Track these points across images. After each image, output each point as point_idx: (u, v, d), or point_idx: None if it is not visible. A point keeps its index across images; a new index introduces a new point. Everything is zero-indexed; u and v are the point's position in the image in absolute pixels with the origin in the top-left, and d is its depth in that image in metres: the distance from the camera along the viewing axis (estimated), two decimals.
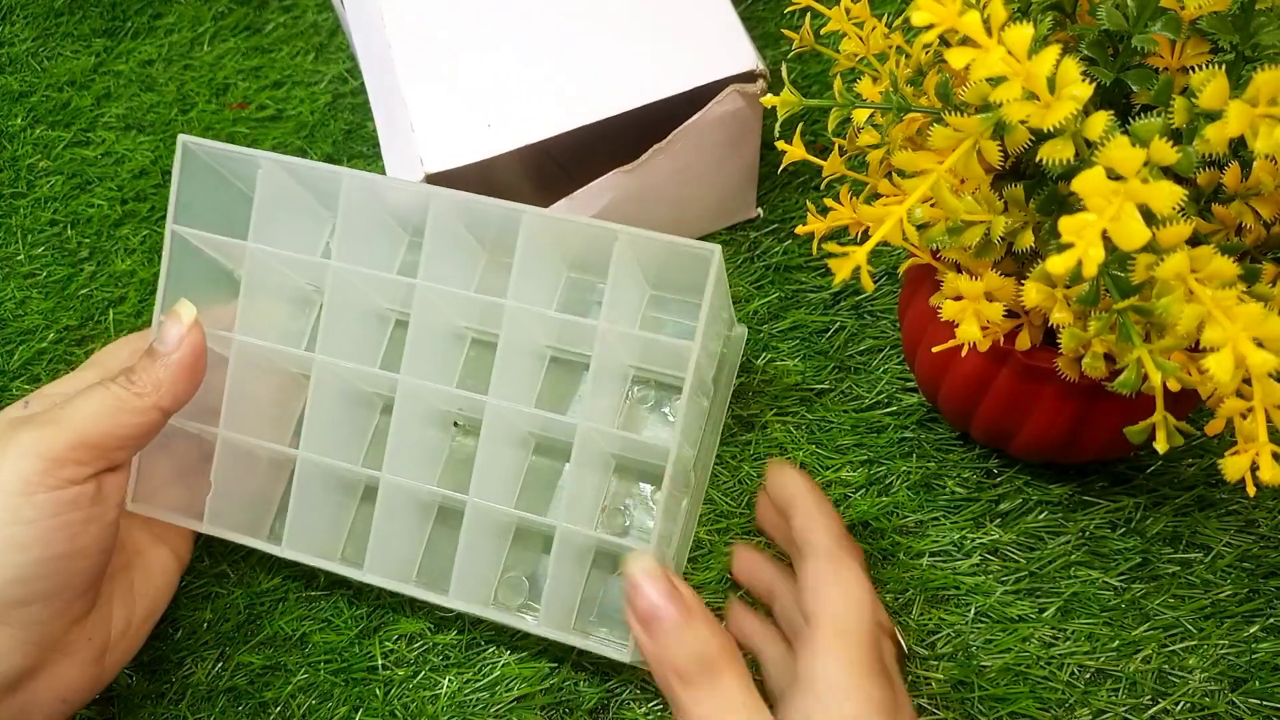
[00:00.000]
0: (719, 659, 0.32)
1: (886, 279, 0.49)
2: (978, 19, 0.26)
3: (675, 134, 0.43)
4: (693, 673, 0.31)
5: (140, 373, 0.37)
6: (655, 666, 0.32)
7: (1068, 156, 0.27)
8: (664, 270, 0.42)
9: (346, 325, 0.42)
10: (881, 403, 0.47)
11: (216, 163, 0.42)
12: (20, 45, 0.60)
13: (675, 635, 0.32)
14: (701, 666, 0.31)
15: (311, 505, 0.42)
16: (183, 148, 0.40)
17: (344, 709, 0.42)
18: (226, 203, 0.42)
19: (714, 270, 0.36)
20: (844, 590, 0.33)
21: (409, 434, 0.41)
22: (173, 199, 0.40)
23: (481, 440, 0.39)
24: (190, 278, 0.42)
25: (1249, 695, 0.40)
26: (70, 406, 0.36)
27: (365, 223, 0.42)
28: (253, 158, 0.40)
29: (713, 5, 0.44)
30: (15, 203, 0.55)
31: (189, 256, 0.42)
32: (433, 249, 0.40)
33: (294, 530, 0.40)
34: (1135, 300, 0.27)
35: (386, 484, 0.40)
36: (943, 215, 0.31)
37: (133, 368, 0.37)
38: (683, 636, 0.32)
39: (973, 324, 0.32)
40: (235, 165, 0.42)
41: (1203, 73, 0.27)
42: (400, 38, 0.45)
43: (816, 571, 0.33)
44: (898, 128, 0.35)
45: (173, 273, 0.41)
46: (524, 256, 0.39)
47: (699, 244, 0.37)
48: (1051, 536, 0.43)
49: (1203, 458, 0.44)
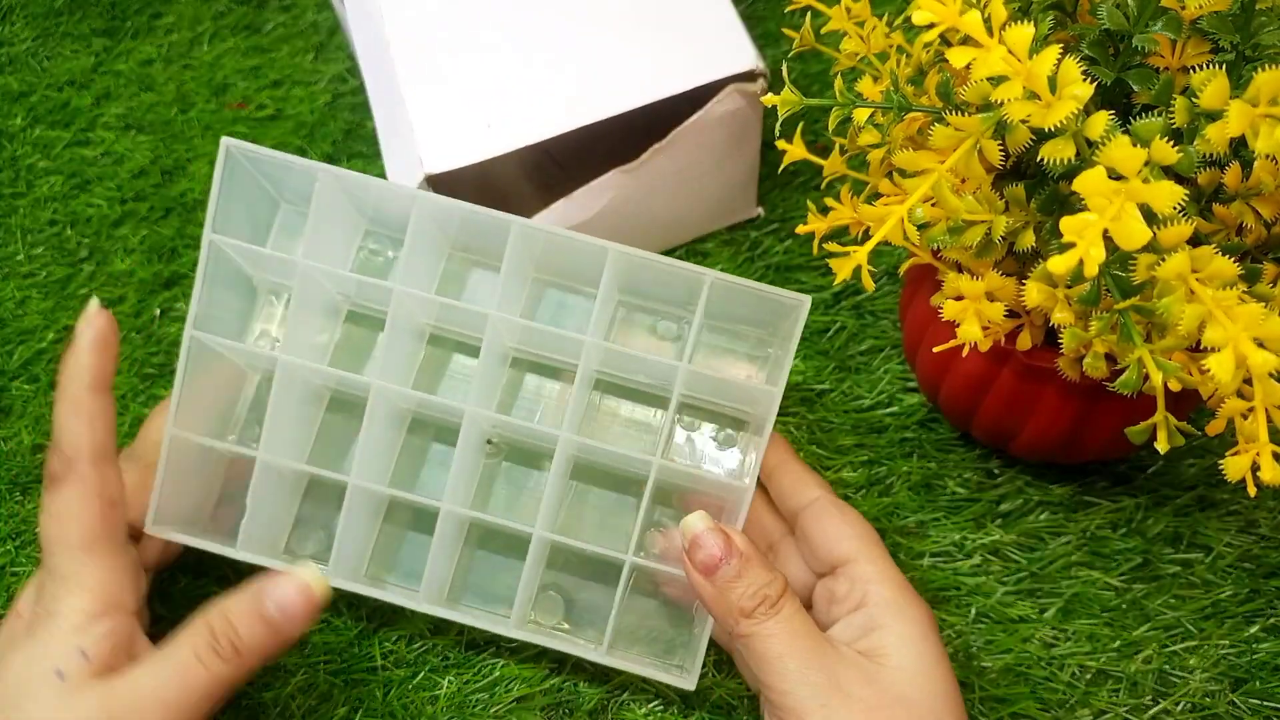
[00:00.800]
0: (779, 595, 0.34)
1: (887, 279, 0.49)
2: (979, 18, 0.26)
3: (675, 133, 0.43)
4: (756, 608, 0.34)
5: (243, 634, 0.34)
6: (719, 610, 0.35)
7: (1069, 156, 0.27)
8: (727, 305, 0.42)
9: (396, 345, 0.41)
10: (882, 403, 0.46)
11: (256, 168, 0.40)
12: (20, 45, 0.60)
13: (735, 579, 0.34)
14: (763, 602, 0.34)
15: (354, 530, 0.41)
16: (225, 152, 0.38)
17: (343, 709, 0.42)
18: (257, 208, 0.41)
19: (800, 322, 0.37)
20: (864, 528, 0.37)
21: (466, 460, 0.40)
22: (212, 206, 0.38)
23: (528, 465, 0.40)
24: (218, 284, 0.40)
25: (1250, 695, 0.40)
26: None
27: (421, 241, 0.40)
28: (309, 169, 0.38)
29: (713, 4, 0.44)
30: (15, 203, 0.55)
31: (220, 264, 0.40)
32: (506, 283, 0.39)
33: (339, 557, 0.39)
34: (1136, 300, 0.27)
35: (443, 512, 0.39)
36: (944, 215, 0.31)
37: (235, 630, 0.34)
38: (742, 579, 0.34)
39: (974, 324, 0.32)
40: (273, 171, 0.40)
41: (1203, 73, 0.27)
42: (399, 38, 0.45)
43: (831, 517, 0.38)
44: (899, 127, 0.35)
45: (207, 280, 0.39)
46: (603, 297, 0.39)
47: (788, 294, 0.38)
48: (1052, 537, 0.43)
49: (1204, 458, 0.44)
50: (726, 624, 0.35)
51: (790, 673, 0.33)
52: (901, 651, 0.34)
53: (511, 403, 0.44)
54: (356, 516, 0.40)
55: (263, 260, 0.41)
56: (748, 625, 0.34)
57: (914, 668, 0.34)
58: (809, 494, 0.39)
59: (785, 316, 0.39)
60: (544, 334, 0.40)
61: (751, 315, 0.42)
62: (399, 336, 0.41)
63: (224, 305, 0.41)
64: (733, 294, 0.39)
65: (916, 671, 0.34)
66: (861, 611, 0.35)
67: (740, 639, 0.34)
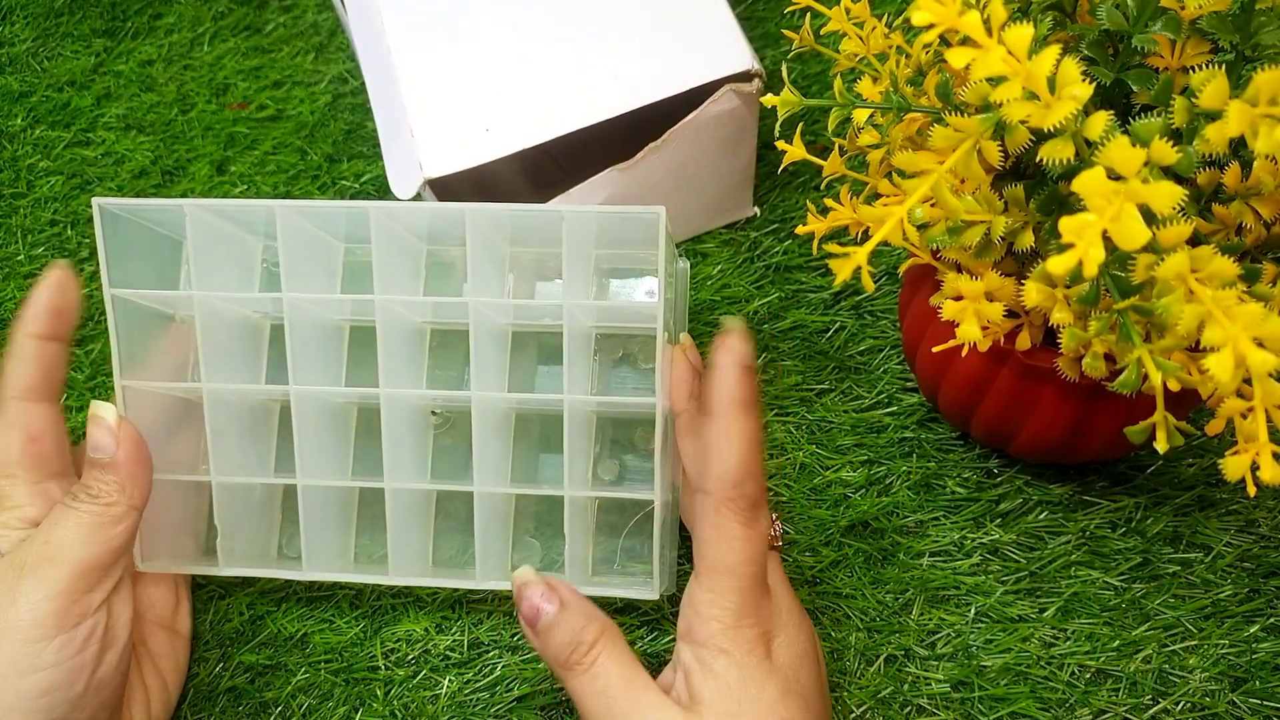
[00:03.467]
0: (595, 641, 0.35)
1: (887, 279, 0.49)
2: (978, 19, 0.26)
3: (670, 133, 0.43)
4: (572, 659, 0.34)
5: (97, 484, 0.36)
6: (547, 662, 0.35)
7: (1068, 156, 0.27)
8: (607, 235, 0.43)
9: (308, 347, 0.42)
10: (882, 403, 0.47)
11: (135, 216, 0.41)
12: (20, 45, 0.60)
13: (553, 627, 0.35)
14: (579, 651, 0.34)
15: (320, 525, 0.42)
16: (99, 211, 0.39)
17: (344, 709, 0.42)
18: (153, 249, 0.42)
19: (661, 231, 0.38)
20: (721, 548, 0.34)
21: (399, 438, 0.41)
22: (103, 262, 0.39)
23: (473, 429, 0.40)
24: (136, 328, 0.41)
25: (1249, 695, 0.40)
26: (53, 540, 0.35)
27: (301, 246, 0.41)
28: (176, 206, 0.40)
29: (709, 5, 0.44)
30: (15, 203, 0.55)
31: (132, 313, 0.41)
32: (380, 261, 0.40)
33: (310, 552, 0.41)
34: (1135, 300, 0.27)
35: (390, 490, 0.40)
36: (943, 215, 0.31)
37: (86, 484, 0.36)
38: (559, 627, 0.35)
39: (973, 324, 0.32)
40: (153, 214, 0.41)
41: (1203, 73, 0.27)
42: (399, 42, 0.45)
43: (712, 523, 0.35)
44: (898, 128, 0.35)
45: (120, 330, 0.40)
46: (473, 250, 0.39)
47: (642, 209, 0.38)
48: (1052, 536, 0.43)
49: (1203, 458, 0.44)
50: (559, 678, 0.35)
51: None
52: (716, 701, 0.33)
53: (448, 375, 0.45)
54: (317, 514, 0.41)
55: (169, 301, 0.42)
56: (569, 680, 0.35)
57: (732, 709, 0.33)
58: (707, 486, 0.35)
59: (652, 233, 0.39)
60: (445, 305, 0.42)
61: (628, 240, 0.43)
62: (316, 339, 0.42)
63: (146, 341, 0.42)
64: (590, 222, 0.40)
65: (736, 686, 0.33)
66: (681, 652, 0.35)
67: (571, 697, 0.35)
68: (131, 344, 0.40)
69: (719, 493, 0.34)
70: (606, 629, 0.35)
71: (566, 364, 0.39)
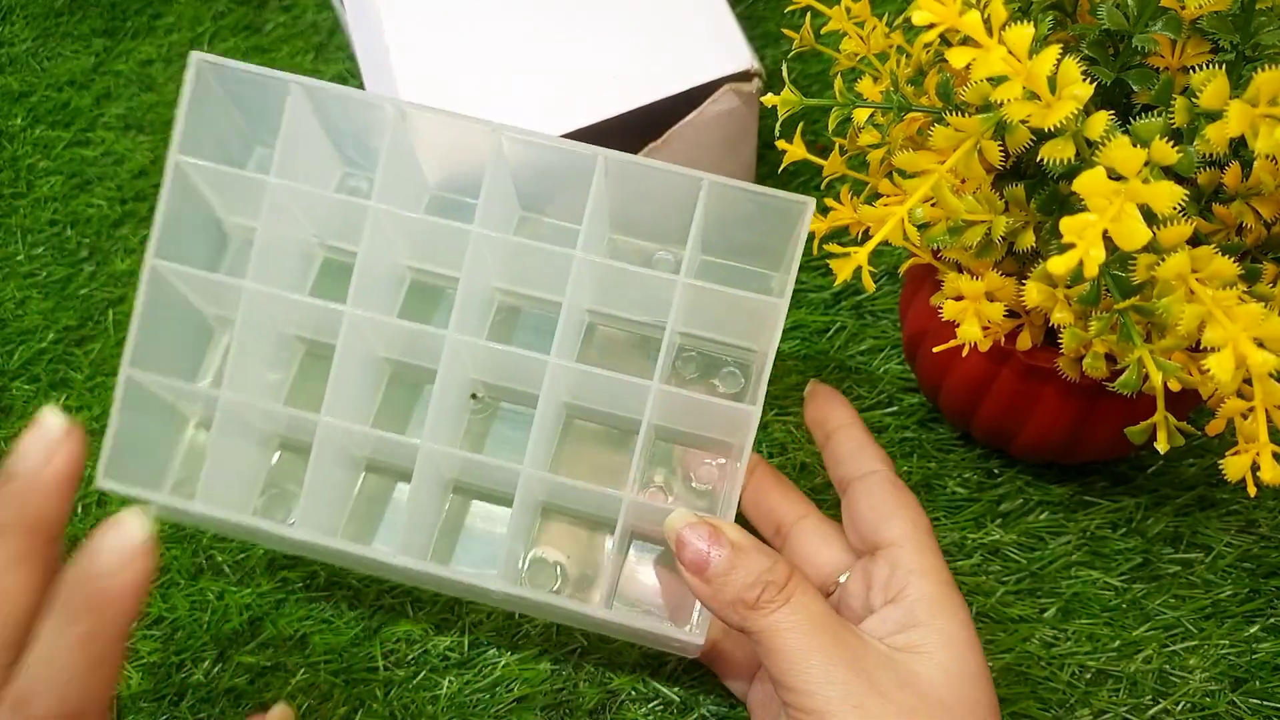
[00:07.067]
0: (785, 579, 0.31)
1: (887, 279, 0.49)
2: (978, 18, 0.26)
3: (670, 133, 0.43)
4: (760, 597, 0.30)
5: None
6: (721, 609, 0.31)
7: (1068, 156, 0.27)
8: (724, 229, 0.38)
9: (374, 275, 0.38)
10: (882, 403, 0.46)
11: (226, 87, 0.37)
12: (20, 45, 0.60)
13: (729, 571, 0.31)
14: (766, 589, 0.30)
15: (323, 483, 0.37)
16: (195, 70, 0.35)
17: (344, 709, 0.42)
18: (225, 137, 0.38)
19: (805, 223, 0.34)
20: (917, 512, 0.34)
21: (445, 401, 0.37)
22: (179, 125, 0.35)
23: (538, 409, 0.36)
24: (182, 226, 0.37)
25: (1250, 695, 0.40)
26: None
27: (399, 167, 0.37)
28: (283, 82, 0.35)
29: (709, 5, 0.44)
30: (15, 203, 0.55)
31: (185, 198, 0.37)
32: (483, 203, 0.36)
33: (306, 512, 0.36)
34: (1136, 300, 0.27)
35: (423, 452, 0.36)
36: (944, 215, 0.31)
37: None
38: (736, 570, 0.31)
39: (974, 324, 0.32)
40: (244, 90, 0.37)
41: (1203, 73, 0.27)
42: (398, 42, 0.45)
43: (886, 495, 0.35)
44: (898, 127, 0.35)
45: (169, 216, 0.36)
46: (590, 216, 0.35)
47: (788, 195, 0.34)
48: (1052, 537, 0.43)
49: (1204, 458, 0.44)
50: (733, 624, 0.31)
51: (814, 670, 0.29)
52: (943, 653, 0.30)
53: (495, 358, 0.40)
54: (326, 464, 0.37)
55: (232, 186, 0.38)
56: (755, 619, 0.30)
57: (956, 672, 0.30)
58: (868, 465, 0.36)
59: (788, 232, 0.36)
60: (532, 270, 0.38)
61: (750, 240, 0.39)
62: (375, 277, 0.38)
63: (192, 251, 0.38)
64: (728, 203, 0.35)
65: (958, 677, 0.30)
66: (900, 605, 0.32)
67: (753, 637, 0.31)
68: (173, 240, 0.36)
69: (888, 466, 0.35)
70: (795, 567, 0.31)
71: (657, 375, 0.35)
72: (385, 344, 0.40)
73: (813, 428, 0.39)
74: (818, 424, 0.38)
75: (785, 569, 0.31)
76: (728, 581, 0.31)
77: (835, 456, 0.37)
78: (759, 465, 0.40)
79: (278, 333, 0.41)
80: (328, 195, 0.37)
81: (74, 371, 0.50)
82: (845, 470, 0.36)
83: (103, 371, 0.50)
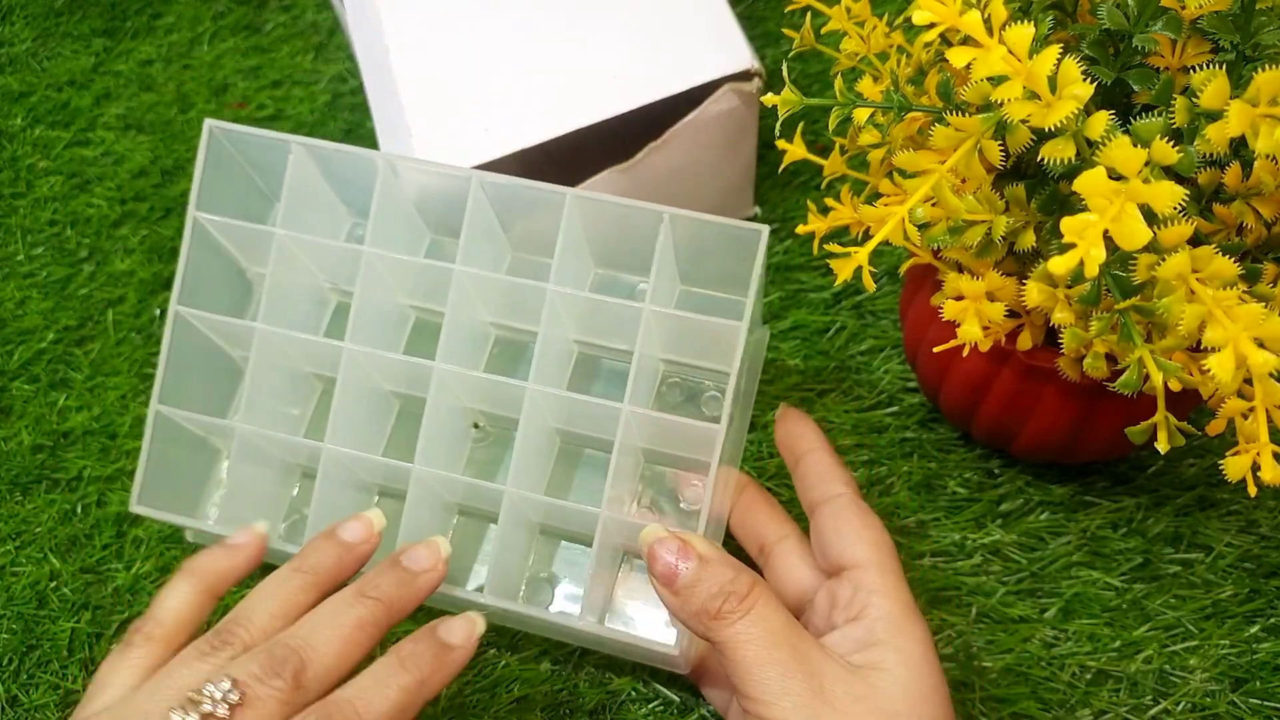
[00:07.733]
0: (747, 591, 0.32)
1: (887, 279, 0.49)
2: (979, 18, 0.26)
3: (670, 133, 0.43)
4: (724, 608, 0.31)
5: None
6: (687, 619, 0.32)
7: (1069, 156, 0.27)
8: (699, 259, 0.41)
9: (371, 313, 0.40)
10: (883, 403, 0.46)
11: (240, 150, 0.40)
12: (20, 45, 0.60)
13: (695, 583, 0.32)
14: (728, 600, 0.31)
15: (330, 506, 0.40)
16: (209, 133, 0.38)
17: None
18: (244, 196, 0.41)
19: (761, 250, 0.36)
20: (880, 534, 0.35)
21: (438, 428, 0.39)
22: (196, 183, 0.38)
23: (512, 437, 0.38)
24: (205, 274, 0.40)
25: (1250, 695, 0.40)
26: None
27: (391, 212, 0.40)
28: (284, 142, 0.38)
29: (709, 5, 0.44)
30: (15, 203, 0.55)
31: (206, 250, 0.40)
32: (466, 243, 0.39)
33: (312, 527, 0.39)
34: (1137, 300, 0.27)
35: (415, 475, 0.38)
36: (944, 215, 0.31)
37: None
38: (702, 581, 0.32)
39: (974, 324, 0.32)
40: (257, 154, 0.40)
41: (1203, 72, 0.27)
42: (398, 43, 0.45)
43: (850, 518, 0.35)
44: (899, 127, 0.35)
45: (189, 267, 0.39)
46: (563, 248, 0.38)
47: (745, 224, 0.36)
48: (1053, 537, 0.43)
49: (1204, 458, 0.44)
50: (700, 634, 0.32)
51: (770, 681, 0.30)
52: (901, 670, 0.31)
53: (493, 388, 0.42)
54: (333, 489, 0.39)
55: (244, 240, 0.40)
56: (719, 629, 0.31)
57: (913, 689, 0.31)
58: (834, 488, 0.37)
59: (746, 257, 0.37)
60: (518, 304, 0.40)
61: (723, 269, 0.41)
62: (373, 316, 0.41)
63: (213, 296, 0.41)
64: (690, 234, 0.38)
65: (915, 694, 0.31)
66: (861, 623, 0.33)
67: (717, 648, 0.32)
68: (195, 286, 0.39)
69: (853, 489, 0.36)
70: (758, 580, 0.32)
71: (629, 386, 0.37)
72: (387, 377, 0.42)
73: (783, 452, 0.40)
74: (787, 448, 0.39)
75: (748, 580, 0.32)
76: (694, 593, 0.32)
77: (804, 482, 0.38)
78: (748, 486, 0.41)
79: (293, 370, 0.43)
80: (330, 243, 0.40)
81: (74, 371, 0.50)
82: (813, 495, 0.37)
83: (102, 371, 0.50)
